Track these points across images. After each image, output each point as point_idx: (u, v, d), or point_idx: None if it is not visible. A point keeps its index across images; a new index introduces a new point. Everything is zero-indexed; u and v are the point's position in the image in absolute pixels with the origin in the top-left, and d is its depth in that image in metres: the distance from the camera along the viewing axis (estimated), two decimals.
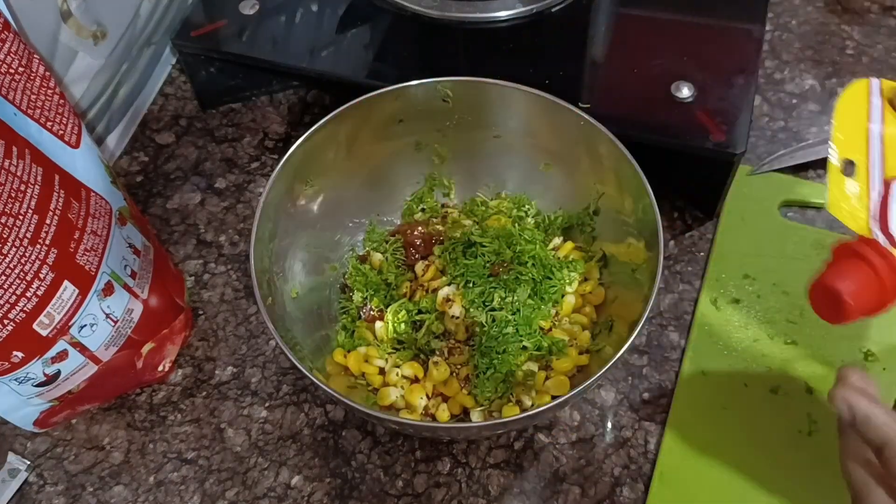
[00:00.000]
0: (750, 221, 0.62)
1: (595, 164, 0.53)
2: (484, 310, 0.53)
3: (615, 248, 0.54)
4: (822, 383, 0.54)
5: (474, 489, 0.52)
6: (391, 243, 0.58)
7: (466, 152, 0.59)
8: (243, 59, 0.65)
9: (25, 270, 0.43)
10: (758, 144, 0.67)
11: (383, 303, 0.55)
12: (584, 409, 0.55)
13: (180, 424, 0.55)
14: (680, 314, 0.58)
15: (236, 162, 0.69)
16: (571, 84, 0.61)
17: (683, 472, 0.51)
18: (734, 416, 0.53)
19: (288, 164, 0.51)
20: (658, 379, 0.56)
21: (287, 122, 0.71)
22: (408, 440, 0.54)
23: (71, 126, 0.48)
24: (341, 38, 0.65)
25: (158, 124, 0.71)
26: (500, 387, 0.51)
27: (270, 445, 0.54)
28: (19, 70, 0.44)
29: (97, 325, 0.49)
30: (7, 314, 0.44)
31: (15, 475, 0.53)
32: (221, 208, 0.66)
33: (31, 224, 0.43)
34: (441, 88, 0.54)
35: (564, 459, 0.53)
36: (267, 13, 0.66)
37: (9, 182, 0.41)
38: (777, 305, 0.58)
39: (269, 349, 0.58)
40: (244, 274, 0.62)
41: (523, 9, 0.65)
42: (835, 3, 0.76)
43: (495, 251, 0.54)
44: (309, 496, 0.52)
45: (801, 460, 0.51)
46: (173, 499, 0.52)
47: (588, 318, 0.54)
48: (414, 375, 0.52)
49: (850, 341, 0.56)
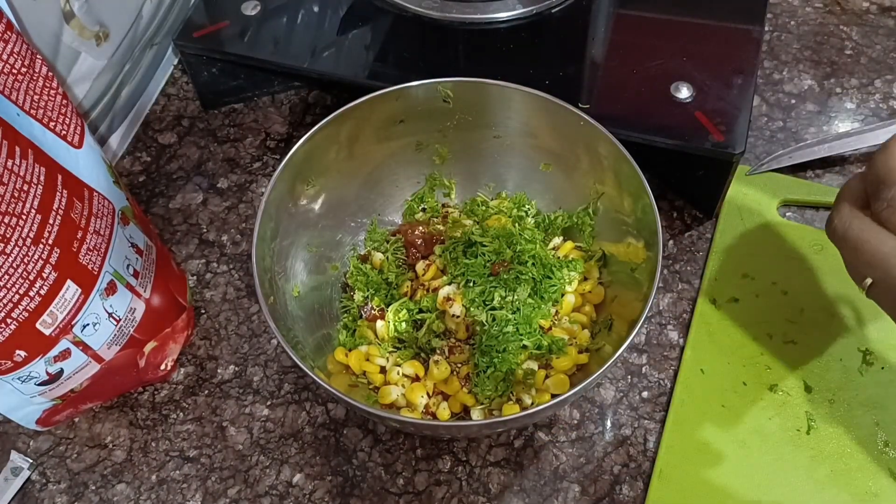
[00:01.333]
0: (749, 221, 0.62)
1: (595, 164, 0.54)
2: (484, 309, 0.53)
3: (615, 247, 0.54)
4: (820, 382, 0.54)
5: (475, 487, 0.52)
6: (392, 243, 0.58)
7: (467, 152, 0.59)
8: (245, 60, 0.65)
9: (28, 270, 0.44)
10: (756, 144, 0.67)
11: (384, 302, 0.56)
12: (583, 408, 0.55)
13: (182, 423, 0.56)
14: (679, 313, 0.59)
15: (238, 162, 0.69)
16: (571, 84, 0.61)
17: (683, 470, 0.51)
18: (733, 414, 0.53)
19: (289, 164, 0.51)
20: (657, 377, 0.56)
21: (289, 123, 0.71)
22: (408, 438, 0.54)
23: (74, 126, 0.48)
24: (342, 39, 0.65)
25: (161, 124, 0.71)
26: (501, 385, 0.51)
27: (272, 444, 0.54)
28: (22, 70, 0.44)
29: (100, 325, 0.50)
30: (10, 313, 0.44)
31: (18, 473, 0.53)
32: (223, 208, 0.66)
33: (34, 224, 0.43)
34: (442, 89, 0.54)
35: (564, 457, 0.53)
36: (269, 14, 0.67)
37: (12, 182, 0.41)
38: (776, 304, 0.58)
39: (270, 348, 0.59)
40: (246, 273, 0.62)
41: (523, 10, 0.65)
42: (833, 3, 0.77)
43: (495, 251, 0.54)
44: (310, 494, 0.52)
45: (799, 459, 0.51)
46: (175, 497, 0.53)
47: (588, 317, 0.54)
48: (415, 374, 0.52)
49: (849, 340, 0.56)
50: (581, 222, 0.57)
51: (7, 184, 0.41)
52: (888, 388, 0.54)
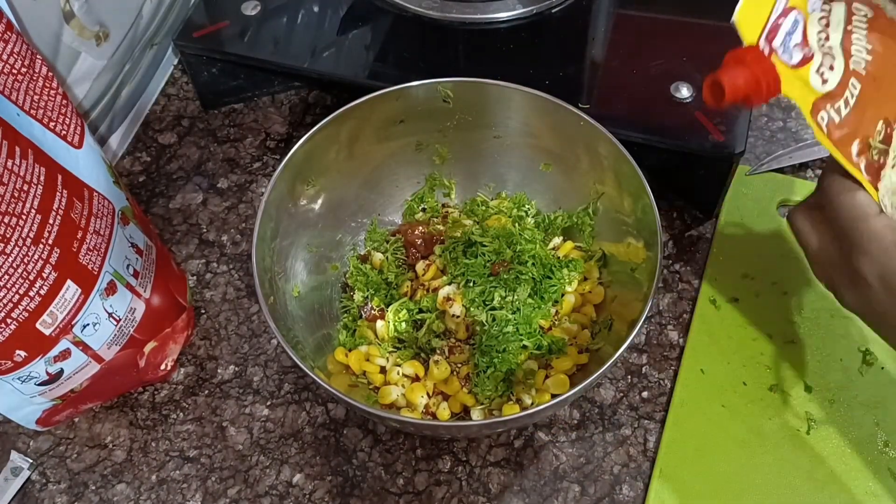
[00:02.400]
0: (749, 221, 0.62)
1: (595, 164, 0.54)
2: (484, 309, 0.53)
3: (615, 247, 0.54)
4: (820, 382, 0.54)
5: (475, 487, 0.52)
6: (392, 243, 0.58)
7: (467, 152, 0.59)
8: (245, 60, 0.65)
9: (28, 270, 0.44)
10: (756, 144, 0.67)
11: (384, 302, 0.56)
12: (583, 408, 0.55)
13: (182, 423, 0.56)
14: (679, 313, 0.59)
15: (238, 162, 0.69)
16: (571, 84, 0.61)
17: (683, 470, 0.51)
18: (733, 414, 0.53)
19: (289, 164, 0.51)
20: (657, 377, 0.56)
21: (289, 123, 0.71)
22: (408, 438, 0.54)
23: (73, 126, 0.48)
24: (342, 39, 0.65)
25: (161, 124, 0.71)
26: (501, 385, 0.51)
27: (272, 444, 0.54)
28: (22, 70, 0.44)
29: (100, 325, 0.50)
30: (10, 313, 0.44)
31: (18, 473, 0.53)
32: (223, 208, 0.66)
33: (34, 224, 0.43)
34: (442, 89, 0.54)
35: (564, 457, 0.53)
36: (269, 14, 0.67)
37: (12, 182, 0.41)
38: (776, 304, 0.58)
39: (270, 348, 0.59)
40: (246, 273, 0.62)
41: (523, 10, 0.65)
42: None
43: (495, 251, 0.54)
44: (310, 494, 0.52)
45: (799, 458, 0.51)
46: (175, 497, 0.53)
47: (588, 317, 0.54)
48: (415, 374, 0.52)
49: (848, 340, 0.56)
50: (581, 222, 0.57)
51: (7, 184, 0.41)
52: (888, 388, 0.54)
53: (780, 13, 0.38)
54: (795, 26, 0.38)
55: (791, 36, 0.38)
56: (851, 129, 0.38)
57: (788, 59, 0.38)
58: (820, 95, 0.38)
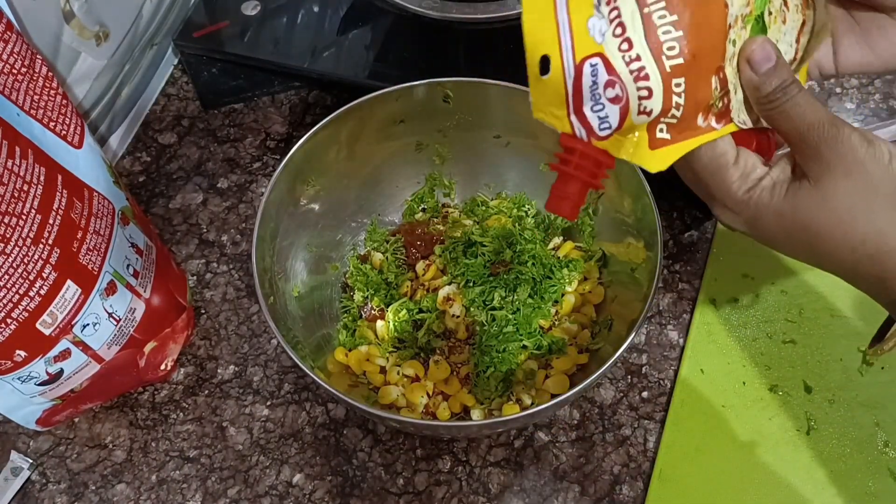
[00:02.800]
0: None
1: None
2: (484, 309, 0.53)
3: (615, 247, 0.54)
4: (820, 382, 0.54)
5: (475, 487, 0.52)
6: (392, 243, 0.58)
7: (467, 152, 0.59)
8: (245, 60, 0.65)
9: (28, 270, 0.44)
10: None
11: (384, 302, 0.56)
12: (583, 408, 0.55)
13: (182, 423, 0.56)
14: (679, 313, 0.59)
15: (238, 162, 0.69)
16: None
17: (682, 470, 0.51)
18: (733, 414, 0.53)
19: (289, 164, 0.51)
20: (657, 377, 0.56)
21: (289, 123, 0.71)
22: (408, 438, 0.54)
23: (73, 126, 0.48)
24: (342, 39, 0.65)
25: (161, 124, 0.71)
26: (501, 385, 0.51)
27: (272, 444, 0.54)
28: (22, 70, 0.44)
29: (100, 325, 0.50)
30: (10, 313, 0.44)
31: (18, 473, 0.53)
32: (223, 208, 0.66)
33: (33, 224, 0.43)
34: (442, 89, 0.54)
35: (564, 458, 0.53)
36: (269, 14, 0.67)
37: (12, 182, 0.41)
38: (775, 304, 0.58)
39: (270, 348, 0.59)
40: (246, 273, 0.62)
41: None
42: None
43: (495, 251, 0.54)
44: (310, 494, 0.52)
45: (799, 459, 0.51)
46: (175, 497, 0.53)
47: (588, 317, 0.54)
48: (415, 374, 0.53)
49: (848, 340, 0.56)
50: (581, 222, 0.57)
51: (7, 184, 0.41)
52: (888, 388, 0.54)
53: (573, 77, 0.32)
54: (596, 70, 0.32)
55: (596, 81, 0.32)
56: (690, 115, 0.34)
57: (603, 114, 0.33)
58: (647, 124, 0.34)
